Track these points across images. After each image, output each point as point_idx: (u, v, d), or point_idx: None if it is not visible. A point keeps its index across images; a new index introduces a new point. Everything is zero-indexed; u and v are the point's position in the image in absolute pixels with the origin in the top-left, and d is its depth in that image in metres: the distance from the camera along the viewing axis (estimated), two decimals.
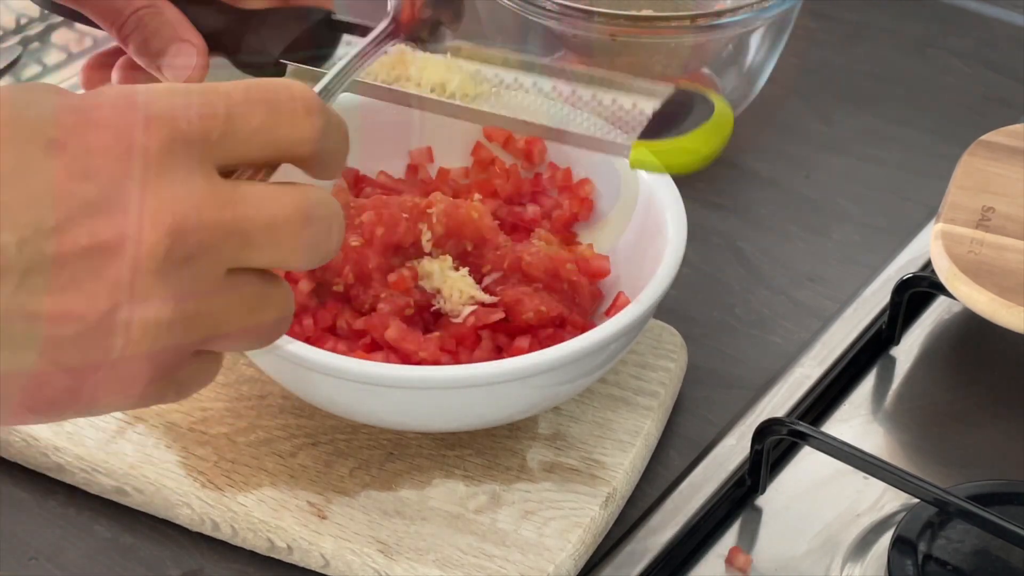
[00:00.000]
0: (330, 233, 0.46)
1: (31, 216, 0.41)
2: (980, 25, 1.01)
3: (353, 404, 0.62)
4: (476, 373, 0.60)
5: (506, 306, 0.65)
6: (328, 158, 0.47)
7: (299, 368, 0.61)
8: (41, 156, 0.42)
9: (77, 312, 0.42)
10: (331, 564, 0.62)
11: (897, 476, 0.61)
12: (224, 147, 0.44)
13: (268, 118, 0.45)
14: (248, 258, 0.45)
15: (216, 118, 0.44)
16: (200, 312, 0.44)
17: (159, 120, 0.43)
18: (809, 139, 0.90)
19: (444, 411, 0.62)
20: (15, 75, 0.95)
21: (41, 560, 0.63)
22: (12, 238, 0.41)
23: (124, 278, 0.42)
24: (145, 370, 0.44)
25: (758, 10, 0.80)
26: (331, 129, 0.47)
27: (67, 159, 0.42)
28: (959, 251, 0.69)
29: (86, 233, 0.42)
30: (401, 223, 0.65)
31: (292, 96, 0.45)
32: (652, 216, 0.68)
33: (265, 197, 0.45)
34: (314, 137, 0.46)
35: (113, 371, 0.43)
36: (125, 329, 0.42)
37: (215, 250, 0.44)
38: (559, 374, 0.61)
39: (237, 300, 0.45)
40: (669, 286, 0.63)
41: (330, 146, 0.47)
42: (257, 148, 0.45)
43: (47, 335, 0.42)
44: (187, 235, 0.43)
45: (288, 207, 0.45)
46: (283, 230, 0.45)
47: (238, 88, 0.45)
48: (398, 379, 0.60)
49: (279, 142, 0.45)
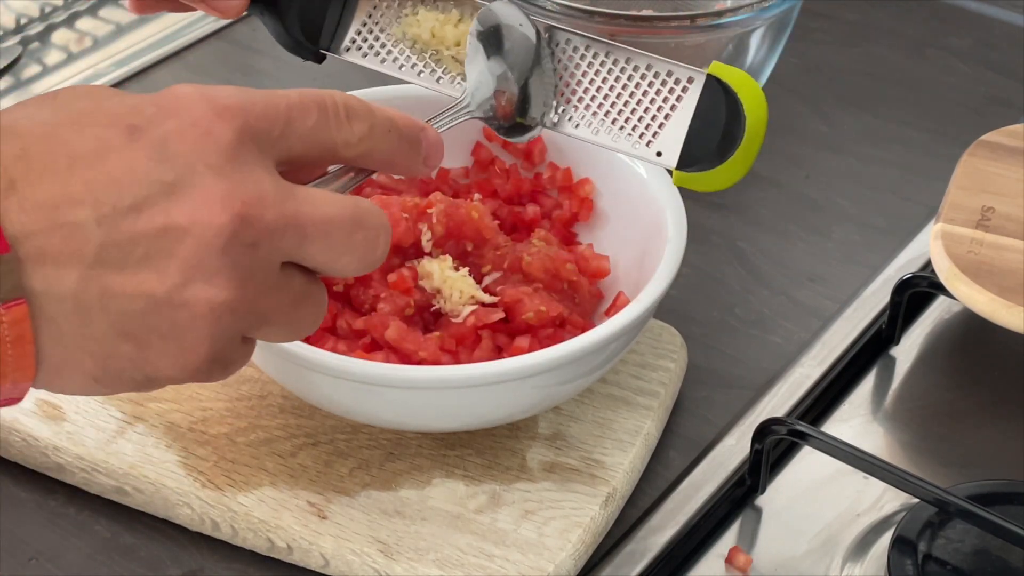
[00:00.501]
0: (378, 241, 0.50)
1: (110, 195, 0.44)
2: (980, 25, 1.01)
3: (353, 404, 0.62)
4: (476, 373, 0.60)
5: (506, 306, 0.65)
6: (386, 158, 0.52)
7: (299, 368, 0.61)
8: (122, 140, 0.45)
9: (148, 288, 0.45)
10: (331, 564, 0.62)
11: (897, 476, 0.61)
12: (284, 144, 0.48)
13: (320, 118, 0.49)
14: (302, 254, 0.48)
15: (279, 116, 0.48)
16: (256, 298, 0.47)
17: (231, 111, 0.46)
18: (809, 139, 0.90)
19: (444, 411, 0.62)
20: (15, 75, 0.95)
21: (41, 560, 0.63)
22: (92, 215, 0.44)
23: (193, 258, 0.45)
24: (204, 346, 0.46)
25: (758, 10, 0.80)
26: (377, 132, 0.51)
27: (145, 144, 0.45)
28: (959, 251, 0.69)
29: (161, 213, 0.45)
30: (401, 223, 0.65)
31: (336, 102, 0.50)
32: (652, 216, 0.68)
33: (322, 198, 0.48)
34: (356, 140, 0.50)
35: (176, 344, 0.46)
36: (191, 306, 0.45)
37: (275, 241, 0.47)
38: (559, 374, 0.61)
39: (287, 292, 0.48)
40: (669, 286, 0.63)
41: (382, 146, 0.51)
42: (312, 147, 0.49)
43: (119, 308, 0.45)
44: (253, 222, 0.46)
45: (343, 211, 0.48)
46: (337, 231, 0.48)
47: (293, 92, 0.49)
48: (398, 379, 0.60)
49: (330, 142, 0.50)
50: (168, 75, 0.96)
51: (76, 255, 0.44)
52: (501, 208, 0.72)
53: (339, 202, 0.48)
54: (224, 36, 0.99)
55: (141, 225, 0.44)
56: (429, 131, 0.54)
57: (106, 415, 0.66)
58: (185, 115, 0.46)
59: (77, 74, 0.95)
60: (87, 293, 0.44)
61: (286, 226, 0.47)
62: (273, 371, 0.64)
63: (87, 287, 0.44)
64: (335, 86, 0.68)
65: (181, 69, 0.97)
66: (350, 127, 0.50)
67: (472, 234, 0.67)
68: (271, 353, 0.61)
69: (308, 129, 0.49)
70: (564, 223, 0.73)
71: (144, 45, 0.98)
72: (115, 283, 0.44)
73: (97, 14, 1.01)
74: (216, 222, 0.45)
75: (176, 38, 0.99)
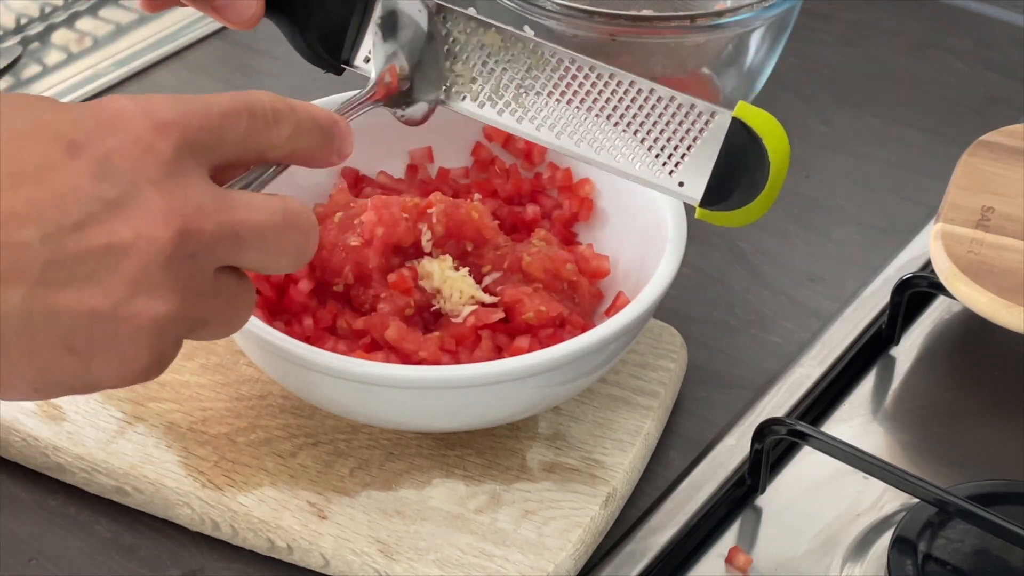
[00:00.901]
0: (308, 239, 0.51)
1: (54, 213, 0.45)
2: (980, 25, 1.01)
3: (353, 404, 0.62)
4: (476, 373, 0.60)
5: (506, 306, 0.65)
6: (308, 155, 0.53)
7: (299, 368, 0.61)
8: (63, 157, 0.45)
9: (93, 304, 0.45)
10: (331, 564, 0.62)
11: (897, 476, 0.61)
12: (219, 152, 0.49)
13: (250, 124, 0.50)
14: (238, 259, 0.49)
15: (214, 126, 0.49)
16: (195, 305, 0.48)
17: (170, 126, 0.47)
18: (809, 139, 0.90)
19: (444, 411, 0.62)
20: (15, 75, 0.95)
21: (41, 560, 0.63)
22: (36, 234, 0.44)
23: (137, 274, 0.46)
24: (144, 355, 0.47)
25: (758, 10, 0.80)
26: (302, 131, 0.52)
27: (88, 160, 0.46)
28: (959, 251, 0.69)
29: (105, 231, 0.45)
30: (401, 223, 0.65)
31: (264, 105, 0.51)
32: (652, 216, 0.68)
33: (254, 203, 0.49)
34: (282, 141, 0.51)
35: (118, 356, 0.47)
36: (134, 320, 0.46)
37: (214, 250, 0.48)
38: (559, 374, 0.61)
39: (222, 295, 0.49)
40: (669, 286, 0.63)
41: (304, 144, 0.53)
42: (242, 152, 0.50)
43: (64, 324, 0.45)
44: (193, 234, 0.47)
45: (275, 214, 0.50)
46: (271, 235, 0.49)
47: (225, 98, 0.50)
48: (398, 379, 0.60)
49: (259, 146, 0.51)
50: (168, 75, 0.96)
51: (22, 273, 0.44)
52: (501, 208, 0.72)
53: (271, 206, 0.50)
54: (224, 36, 0.99)
55: (85, 243, 0.45)
56: (341, 122, 0.55)
57: (106, 415, 0.66)
58: (126, 131, 0.46)
59: (77, 74, 0.95)
60: (32, 310, 0.45)
61: (224, 235, 0.48)
62: (274, 372, 0.64)
63: (32, 304, 0.45)
64: (341, 85, 0.68)
65: (181, 69, 0.97)
66: (277, 130, 0.51)
67: (472, 234, 0.67)
68: (271, 354, 0.61)
69: (240, 136, 0.50)
70: (564, 223, 0.73)
71: (144, 45, 0.98)
72: (60, 300, 0.45)
73: (97, 14, 1.01)
74: (159, 238, 0.46)
75: (176, 38, 0.99)
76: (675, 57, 0.83)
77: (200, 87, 0.94)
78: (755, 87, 0.88)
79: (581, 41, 0.82)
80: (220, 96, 0.50)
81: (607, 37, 0.80)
